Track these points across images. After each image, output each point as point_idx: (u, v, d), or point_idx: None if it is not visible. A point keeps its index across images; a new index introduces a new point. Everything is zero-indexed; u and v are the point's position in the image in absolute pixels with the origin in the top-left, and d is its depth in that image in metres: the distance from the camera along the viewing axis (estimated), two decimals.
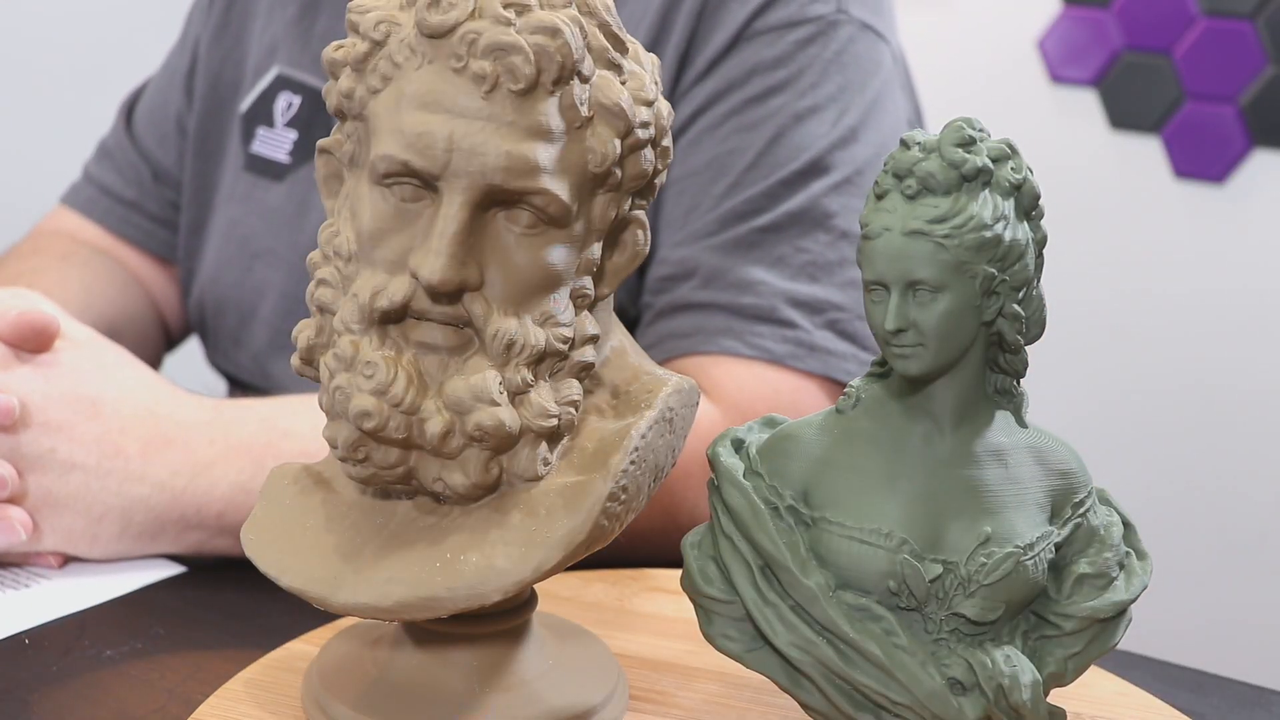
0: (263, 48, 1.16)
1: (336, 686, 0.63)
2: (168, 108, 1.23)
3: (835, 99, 0.95)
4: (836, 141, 0.94)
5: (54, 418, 0.78)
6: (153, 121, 1.23)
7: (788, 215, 0.92)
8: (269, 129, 1.14)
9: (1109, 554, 0.58)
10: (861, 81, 0.97)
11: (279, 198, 1.12)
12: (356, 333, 0.56)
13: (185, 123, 1.21)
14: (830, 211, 0.93)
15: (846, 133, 0.95)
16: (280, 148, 1.12)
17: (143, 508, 0.79)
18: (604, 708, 0.64)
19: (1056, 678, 0.58)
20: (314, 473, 0.63)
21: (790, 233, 0.92)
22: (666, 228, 0.96)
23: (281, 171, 1.12)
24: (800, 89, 0.95)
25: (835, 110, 0.95)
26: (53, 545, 0.79)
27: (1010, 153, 0.55)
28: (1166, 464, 1.96)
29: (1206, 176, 1.91)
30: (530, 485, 0.58)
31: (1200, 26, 1.88)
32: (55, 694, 0.67)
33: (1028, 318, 0.56)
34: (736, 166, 0.94)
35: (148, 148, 1.23)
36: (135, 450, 0.79)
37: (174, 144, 1.22)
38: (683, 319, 0.93)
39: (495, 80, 0.54)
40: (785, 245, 0.92)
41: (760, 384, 0.90)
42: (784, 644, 0.56)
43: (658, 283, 0.95)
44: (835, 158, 0.94)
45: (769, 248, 0.92)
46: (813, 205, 0.93)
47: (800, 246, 0.92)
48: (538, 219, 0.56)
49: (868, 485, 0.56)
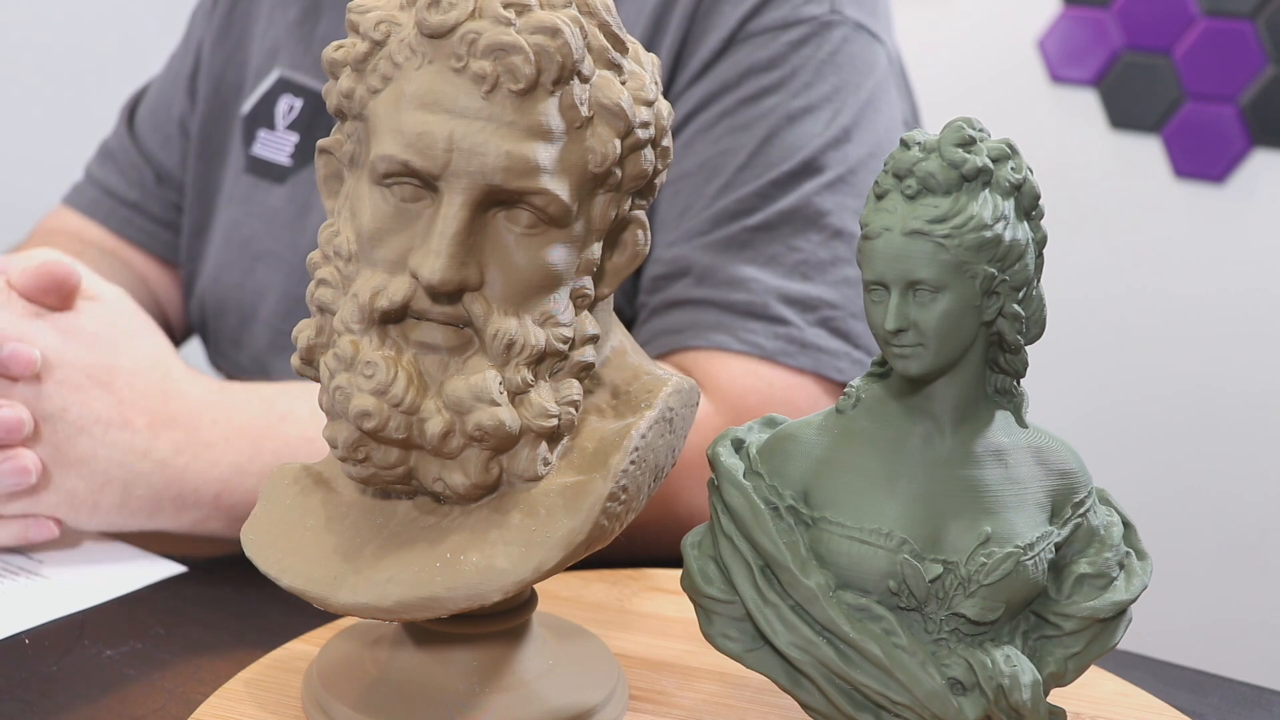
0: (264, 50, 1.16)
1: (336, 686, 0.63)
2: (170, 109, 1.23)
3: (829, 99, 0.96)
4: (830, 141, 0.95)
5: (70, 378, 0.79)
6: (155, 123, 1.24)
7: (780, 214, 0.93)
8: (270, 131, 1.14)
9: (1109, 554, 0.58)
10: (856, 82, 0.97)
11: (280, 200, 1.12)
12: (356, 333, 0.56)
13: (188, 125, 1.22)
14: (823, 210, 0.93)
15: (840, 133, 0.95)
16: (281, 150, 1.13)
17: (144, 483, 0.79)
18: (604, 708, 0.64)
19: (1056, 678, 0.58)
20: (314, 473, 0.63)
21: (783, 232, 0.93)
22: (661, 228, 0.96)
23: (283, 174, 1.12)
24: (794, 89, 0.95)
25: (829, 110, 0.95)
26: (54, 506, 0.79)
27: (1010, 153, 0.55)
28: (1167, 464, 1.96)
29: (1207, 176, 1.91)
30: (530, 485, 0.58)
31: (1200, 26, 1.88)
32: (55, 694, 0.67)
33: (1028, 318, 0.56)
34: (729, 166, 0.94)
35: (150, 149, 1.23)
36: (143, 424, 0.79)
37: (177, 146, 1.22)
38: (675, 315, 0.93)
39: (495, 80, 0.54)
40: (778, 244, 0.92)
41: (753, 379, 0.90)
42: (784, 644, 0.56)
43: (652, 282, 0.96)
44: (828, 158, 0.94)
45: (761, 246, 0.92)
46: (805, 204, 0.93)
47: (793, 245, 0.92)
48: (538, 219, 0.56)
49: (868, 485, 0.56)
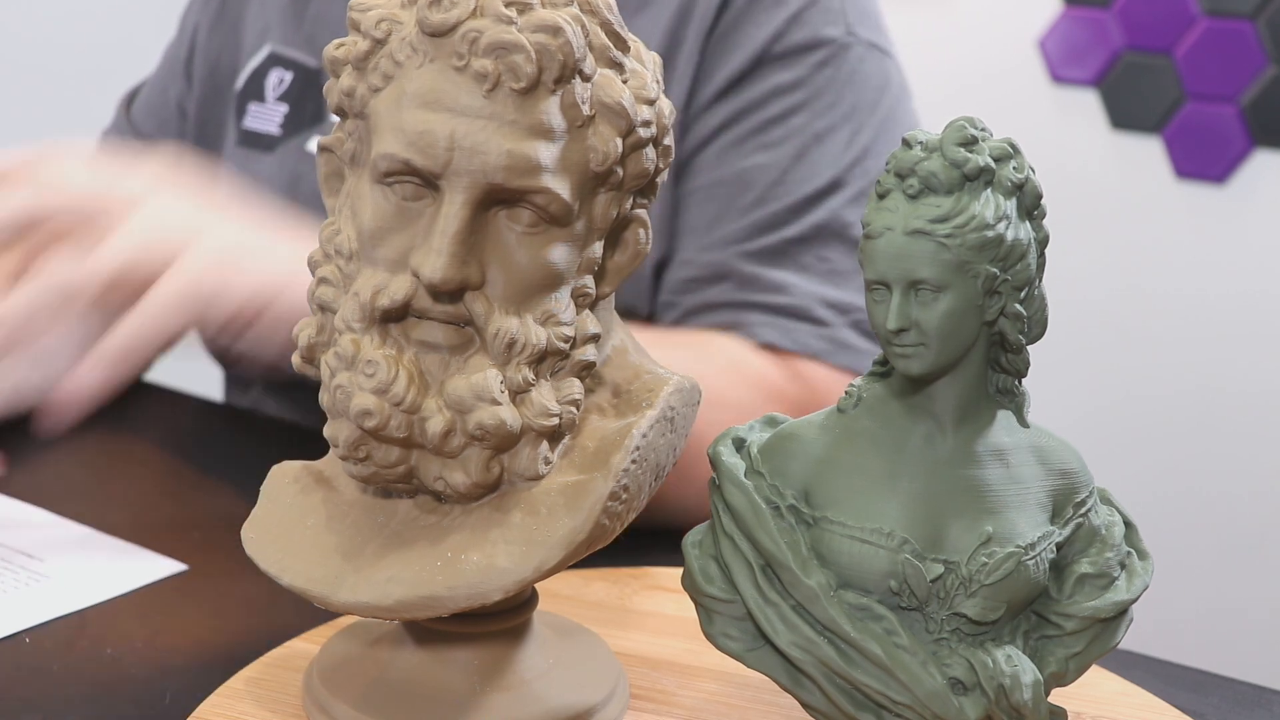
0: (255, 31, 1.20)
1: (337, 685, 0.63)
2: (167, 93, 1.26)
3: (848, 118, 1.02)
4: (852, 160, 1.02)
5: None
6: (151, 110, 1.27)
7: (812, 228, 1.00)
8: (260, 104, 1.18)
9: (1110, 554, 0.58)
10: (873, 100, 1.04)
11: (271, 168, 1.15)
12: (357, 331, 0.56)
13: (186, 106, 1.25)
14: (847, 223, 1.01)
15: (860, 152, 1.02)
16: (271, 121, 1.15)
17: (194, 266, 0.83)
18: (605, 707, 0.64)
19: (1057, 677, 0.58)
20: (314, 471, 0.63)
21: (814, 243, 1.00)
22: (690, 233, 1.02)
23: (272, 143, 1.15)
24: (818, 110, 1.02)
25: (849, 129, 1.02)
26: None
27: (1012, 152, 0.54)
28: (1168, 464, 1.96)
29: (1207, 177, 1.91)
30: (531, 484, 0.58)
31: (1201, 26, 1.88)
32: (55, 694, 0.67)
33: (1029, 317, 0.55)
34: (762, 181, 1.01)
35: (148, 133, 1.26)
36: (210, 221, 0.84)
37: (175, 128, 1.25)
38: (720, 315, 0.99)
39: (497, 79, 0.54)
40: (809, 255, 1.00)
41: (801, 377, 0.96)
42: (785, 643, 0.56)
43: (684, 284, 1.02)
44: (851, 174, 1.01)
45: (796, 256, 0.99)
46: (832, 218, 1.00)
47: (822, 256, 1.00)
48: (539, 218, 0.56)
49: (869, 485, 0.56)
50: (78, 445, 1.03)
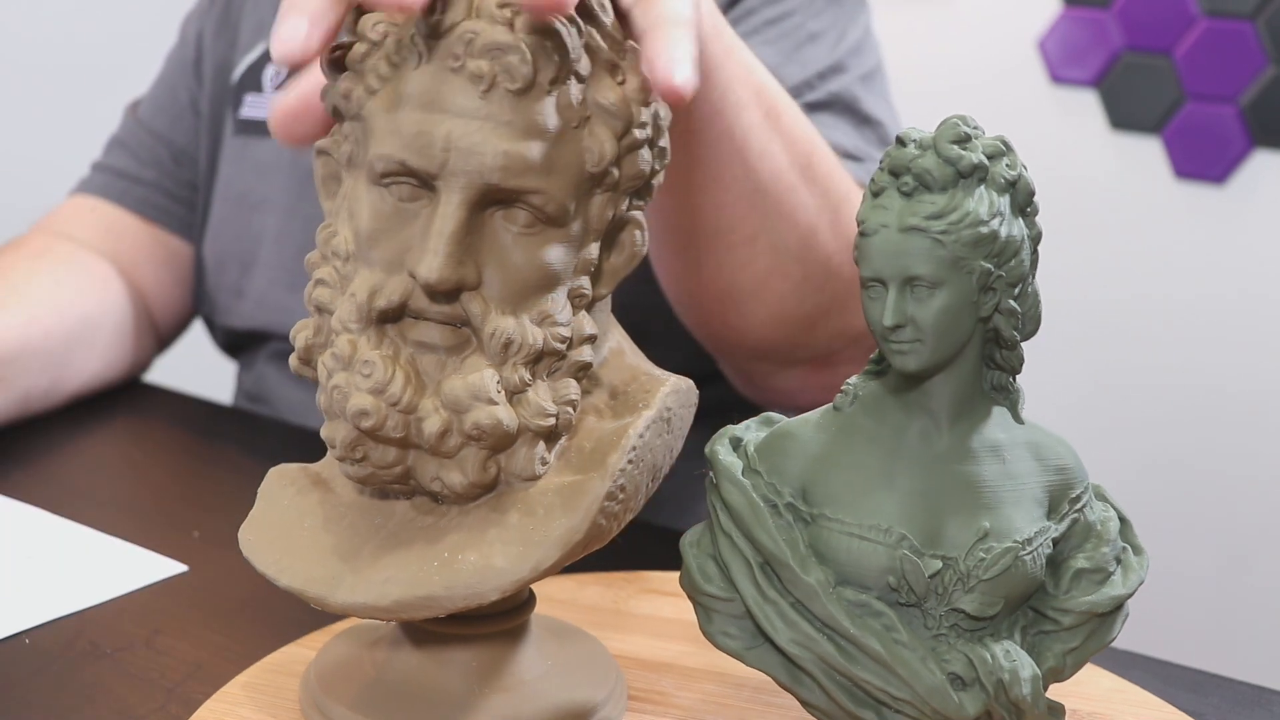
0: (251, 28, 1.23)
1: (334, 687, 0.63)
2: (177, 93, 1.27)
3: (835, 24, 1.08)
4: (847, 51, 1.07)
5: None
6: (161, 109, 1.27)
7: (828, 95, 1.04)
8: (257, 94, 1.20)
9: (1106, 549, 0.58)
10: (852, 11, 1.11)
11: (269, 151, 1.17)
12: (354, 332, 0.56)
13: (198, 103, 1.26)
14: (857, 96, 1.06)
15: (853, 44, 1.08)
16: (267, 108, 1.16)
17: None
18: (603, 707, 0.64)
19: (1055, 672, 0.58)
20: (311, 473, 0.63)
21: (824, 112, 1.03)
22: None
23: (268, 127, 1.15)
24: (810, 13, 1.07)
25: (836, 32, 1.08)
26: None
27: (1005, 149, 0.55)
28: (1166, 463, 1.96)
29: (1207, 177, 1.91)
30: (528, 485, 0.58)
31: (1200, 27, 1.88)
32: (55, 694, 0.67)
33: (1024, 313, 0.56)
34: (766, 65, 1.03)
35: (161, 130, 1.26)
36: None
37: (189, 123, 1.26)
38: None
39: (492, 80, 0.54)
40: (820, 119, 1.02)
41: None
42: (784, 641, 0.57)
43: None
44: (849, 61, 1.07)
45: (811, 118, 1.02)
46: (844, 90, 1.05)
47: (832, 125, 1.03)
48: (535, 218, 0.56)
49: (866, 482, 0.56)
50: (78, 445, 1.03)
